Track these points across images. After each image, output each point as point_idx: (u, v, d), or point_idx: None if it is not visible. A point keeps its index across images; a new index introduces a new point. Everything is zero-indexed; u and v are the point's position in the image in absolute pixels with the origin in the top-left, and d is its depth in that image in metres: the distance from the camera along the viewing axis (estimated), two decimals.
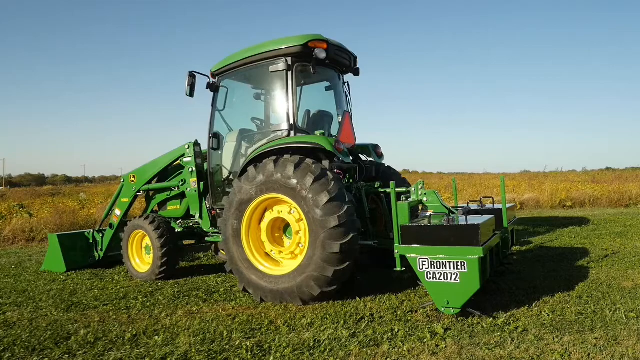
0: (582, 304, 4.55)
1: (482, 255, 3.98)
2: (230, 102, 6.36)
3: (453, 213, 5.25)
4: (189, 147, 6.50)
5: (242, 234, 5.22)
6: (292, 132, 5.54)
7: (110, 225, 7.33)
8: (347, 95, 6.57)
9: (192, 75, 6.09)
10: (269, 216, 5.24)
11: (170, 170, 7.02)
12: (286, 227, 5.27)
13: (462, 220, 4.40)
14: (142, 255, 6.68)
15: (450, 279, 4.10)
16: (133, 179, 7.12)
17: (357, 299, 4.96)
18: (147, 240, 6.55)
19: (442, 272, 4.13)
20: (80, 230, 8.98)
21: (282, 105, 5.64)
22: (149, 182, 7.02)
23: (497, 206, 5.81)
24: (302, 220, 4.90)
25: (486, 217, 4.69)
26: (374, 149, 6.37)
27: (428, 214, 5.23)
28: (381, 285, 5.56)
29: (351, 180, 6.03)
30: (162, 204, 7.17)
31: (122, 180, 7.31)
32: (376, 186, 6.00)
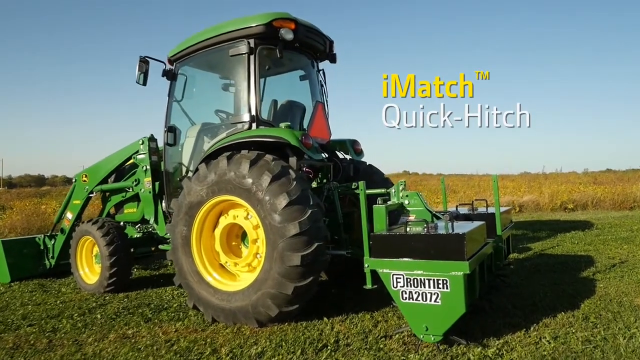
0: (589, 328, 3.81)
1: (468, 272, 3.24)
2: (189, 92, 5.62)
3: (438, 218, 4.52)
4: (142, 143, 5.76)
5: (192, 242, 4.48)
6: (254, 125, 4.80)
7: (62, 230, 6.58)
8: (322, 85, 5.83)
9: (144, 61, 5.35)
10: (223, 222, 4.50)
11: (128, 168, 6.29)
12: (245, 234, 4.53)
13: (446, 227, 3.66)
14: (92, 265, 5.94)
15: (430, 300, 3.36)
16: (85, 179, 6.38)
17: (325, 319, 4.22)
18: (97, 248, 5.80)
19: (420, 292, 3.39)
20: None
21: (244, 94, 4.90)
22: (103, 181, 6.28)
23: (490, 210, 5.06)
24: (259, 227, 4.16)
25: (475, 223, 3.95)
26: (351, 145, 5.62)
27: (408, 219, 4.51)
28: (356, 300, 4.81)
29: (324, 181, 5.29)
30: (119, 207, 6.43)
31: (74, 180, 6.56)
32: (353, 187, 5.24)
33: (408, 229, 3.62)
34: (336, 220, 4.86)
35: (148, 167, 5.66)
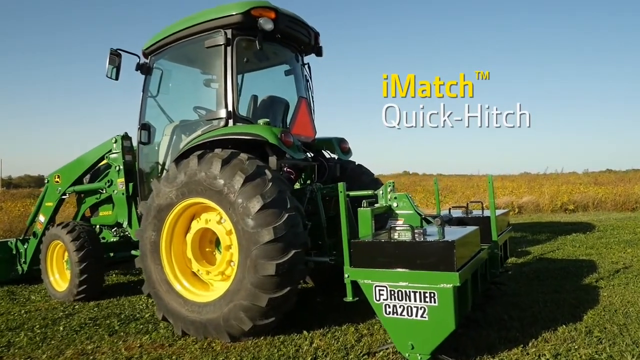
0: (593, 344, 3.45)
1: (458, 284, 2.88)
2: (166, 87, 5.28)
3: (429, 223, 4.17)
4: (116, 142, 5.41)
5: (161, 248, 4.12)
6: (231, 122, 4.45)
7: (34, 234, 6.24)
8: (307, 80, 5.49)
9: (116, 54, 5.00)
10: (195, 226, 4.15)
11: (103, 168, 5.94)
12: (219, 240, 4.18)
13: (436, 233, 3.31)
14: (63, 271, 5.59)
15: (416, 315, 3.01)
16: (58, 180, 6.03)
17: (304, 332, 3.87)
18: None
19: (405, 306, 3.03)
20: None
21: (220, 88, 4.55)
22: (76, 182, 5.92)
23: (487, 213, 4.71)
24: (232, 232, 3.81)
25: (468, 229, 3.60)
26: (338, 144, 5.26)
27: (396, 223, 4.17)
28: (342, 310, 4.45)
29: (308, 182, 4.94)
30: (94, 209, 6.08)
31: (46, 181, 6.21)
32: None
33: (393, 235, 3.26)
34: (319, 225, 4.51)
35: (121, 167, 5.31)
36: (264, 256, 3.53)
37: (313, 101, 5.47)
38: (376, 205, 4.38)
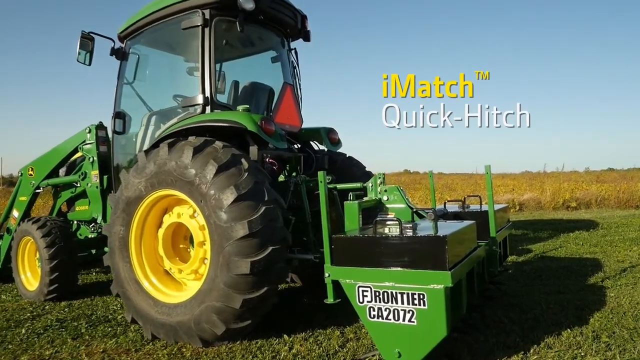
0: (601, 351, 3.13)
1: (450, 284, 2.55)
2: (143, 74, 4.95)
3: (422, 217, 3.84)
4: (90, 132, 5.07)
5: (130, 244, 3.80)
6: (208, 109, 4.12)
7: (8, 230, 5.90)
8: (295, 67, 5.15)
9: (88, 38, 4.66)
10: (167, 221, 3.82)
11: (79, 160, 5.60)
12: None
13: (427, 228, 2.98)
14: (35, 269, 5.25)
15: (403, 320, 2.68)
16: (32, 173, 5.70)
17: (285, 336, 3.55)
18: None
19: (392, 309, 2.71)
20: None
21: (197, 73, 4.22)
22: (50, 175, 5.59)
23: (485, 208, 4.37)
24: (206, 227, 3.48)
25: (463, 223, 3.26)
26: (326, 134, 4.92)
27: (388, 216, 3.85)
28: (328, 311, 4.10)
29: (294, 174, 4.61)
30: (71, 204, 5.75)
31: (19, 174, 5.87)
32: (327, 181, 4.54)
33: (379, 230, 2.93)
34: (304, 220, 4.18)
35: (95, 158, 4.98)
36: (237, 253, 3.20)
37: (300, 89, 5.14)
38: (365, 198, 4.06)
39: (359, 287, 2.80)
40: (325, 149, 5.07)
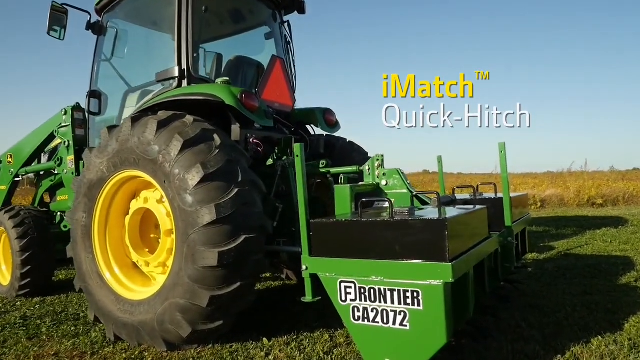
0: None
1: (451, 280, 2.03)
2: (121, 50, 4.52)
3: (425, 204, 3.33)
4: (65, 114, 4.68)
5: (93, 233, 3.37)
6: (185, 82, 3.67)
7: None
8: (289, 42, 4.68)
9: (60, 10, 4.26)
10: (134, 206, 3.38)
11: (60, 145, 5.22)
12: None
13: (426, 213, 2.46)
14: (10, 262, 4.87)
15: (394, 323, 2.17)
16: (10, 160, 5.34)
17: (264, 340, 3.07)
18: None
19: (380, 309, 2.20)
20: None
21: (173, 43, 3.78)
22: (29, 162, 5.23)
23: (500, 196, 3.82)
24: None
25: (470, 208, 2.74)
26: (322, 115, 4.43)
27: (384, 204, 3.36)
28: (321, 311, 3.59)
29: (284, 157, 4.12)
30: (53, 194, 5.37)
31: None
32: (320, 166, 4.06)
33: (365, 213, 2.42)
34: (292, 207, 3.69)
35: (71, 142, 4.58)
36: (204, 242, 2.74)
37: (294, 65, 4.66)
38: (361, 183, 3.56)
39: (340, 282, 2.30)
40: (325, 134, 4.59)
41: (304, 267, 2.46)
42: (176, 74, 3.67)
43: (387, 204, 3.41)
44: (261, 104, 3.64)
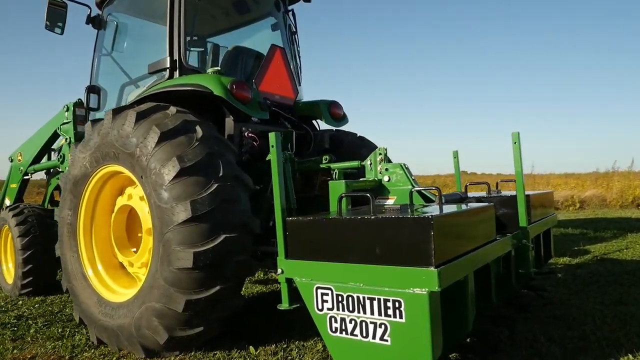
0: None
1: (436, 289, 1.73)
2: (122, 44, 4.41)
3: (430, 201, 3.02)
4: (67, 110, 4.60)
5: (79, 232, 3.24)
6: (176, 73, 3.49)
7: None
8: (293, 32, 4.45)
9: (60, 5, 4.17)
10: (119, 204, 3.22)
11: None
12: None
13: (417, 210, 2.16)
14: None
15: (374, 337, 1.88)
16: (20, 158, 5.34)
17: (250, 349, 2.84)
18: None
19: (358, 321, 1.92)
20: None
21: (165, 34, 3.61)
22: (37, 160, 5.20)
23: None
24: None
25: (472, 205, 2.41)
26: (327, 108, 4.16)
27: (387, 202, 3.09)
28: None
29: (289, 153, 3.87)
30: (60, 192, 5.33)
31: (10, 160, 5.54)
32: (324, 161, 3.78)
33: (343, 210, 2.14)
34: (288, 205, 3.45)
35: (72, 139, 4.49)
36: (179, 241, 2.53)
37: (299, 56, 4.43)
38: (362, 179, 3.27)
39: (317, 288, 2.03)
40: (335, 129, 4.34)
41: (279, 271, 2.20)
42: (167, 64, 3.49)
43: (388, 202, 3.15)
44: (255, 95, 3.41)
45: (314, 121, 4.33)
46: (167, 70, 3.50)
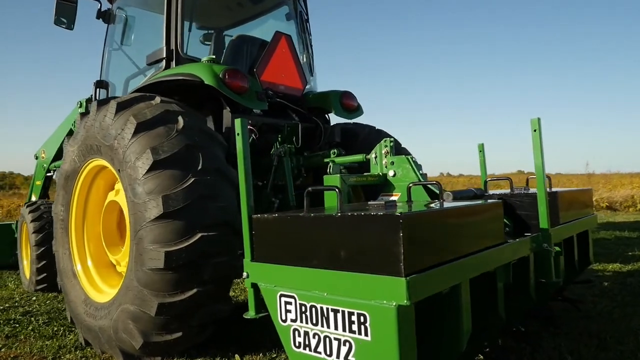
0: None
1: (405, 302, 1.42)
2: (130, 37, 4.33)
3: (441, 199, 2.67)
4: (80, 106, 4.59)
5: (70, 228, 3.15)
6: (173, 63, 3.34)
7: None
8: (305, 20, 4.21)
9: (69, 0, 4.14)
10: (108, 199, 3.09)
11: None
12: None
13: (398, 208, 1.85)
14: None
15: (338, 356, 1.59)
16: (44, 155, 5.42)
17: (236, 357, 2.62)
18: None
19: (322, 335, 1.64)
20: None
21: (163, 22, 3.47)
22: (58, 157, 5.25)
23: (552, 190, 3.01)
24: None
25: (468, 202, 2.06)
26: (339, 100, 3.87)
27: (391, 199, 2.80)
28: None
29: (289, 146, 3.62)
30: None
31: (35, 158, 5.64)
32: (331, 155, 3.49)
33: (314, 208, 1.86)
34: (287, 203, 3.21)
35: None
36: (151, 240, 2.34)
37: (310, 45, 4.17)
38: (366, 174, 2.97)
39: (280, 295, 1.77)
40: (351, 122, 4.06)
41: (244, 275, 1.95)
42: (164, 54, 3.35)
43: (392, 198, 2.84)
44: (253, 84, 3.19)
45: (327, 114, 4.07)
46: (164, 60, 3.35)
